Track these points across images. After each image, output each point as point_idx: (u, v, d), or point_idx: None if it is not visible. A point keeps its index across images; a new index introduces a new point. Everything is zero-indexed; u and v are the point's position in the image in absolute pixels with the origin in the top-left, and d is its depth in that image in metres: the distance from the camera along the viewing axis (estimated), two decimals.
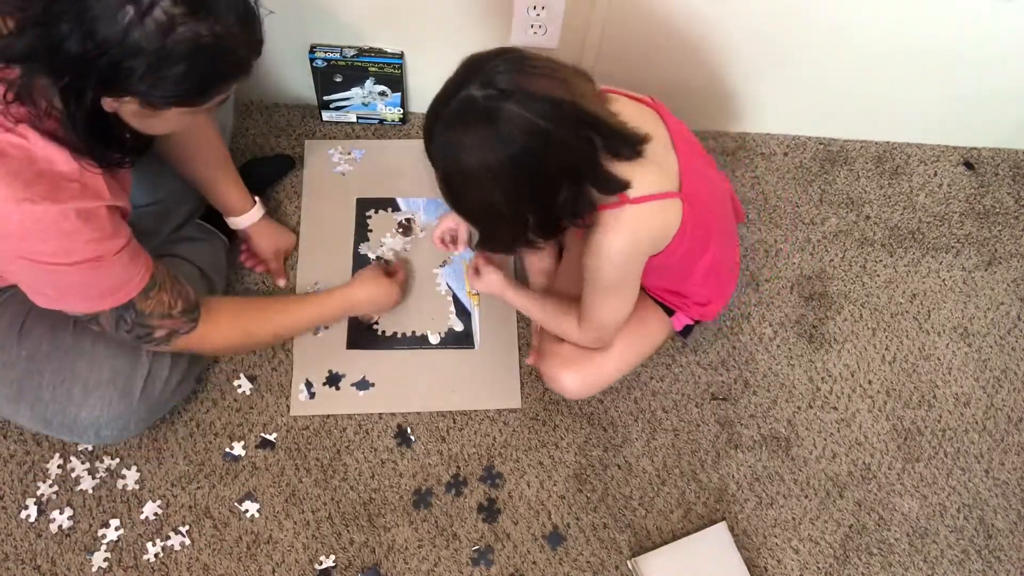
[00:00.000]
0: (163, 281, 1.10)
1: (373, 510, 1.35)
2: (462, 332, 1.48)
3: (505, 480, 1.38)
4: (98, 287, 1.03)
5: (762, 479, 1.40)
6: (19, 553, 1.28)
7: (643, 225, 1.09)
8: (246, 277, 1.51)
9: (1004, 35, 1.44)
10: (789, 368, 1.49)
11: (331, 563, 1.30)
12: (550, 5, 1.40)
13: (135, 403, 1.20)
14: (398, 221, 1.57)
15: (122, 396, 1.19)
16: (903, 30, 1.43)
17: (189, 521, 1.32)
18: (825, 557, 1.36)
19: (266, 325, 1.30)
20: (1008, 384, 1.51)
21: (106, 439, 1.23)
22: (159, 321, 1.11)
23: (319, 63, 1.52)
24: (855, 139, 1.72)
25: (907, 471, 1.43)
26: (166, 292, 1.10)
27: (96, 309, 1.05)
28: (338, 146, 1.63)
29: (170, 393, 1.26)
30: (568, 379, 1.30)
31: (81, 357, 1.18)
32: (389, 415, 1.41)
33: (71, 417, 1.18)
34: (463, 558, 1.32)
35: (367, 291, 1.40)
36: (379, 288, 1.41)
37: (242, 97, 1.68)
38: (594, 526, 1.36)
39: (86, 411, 1.18)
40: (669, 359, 1.48)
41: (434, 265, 1.54)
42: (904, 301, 1.57)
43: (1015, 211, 1.67)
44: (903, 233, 1.64)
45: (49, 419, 1.19)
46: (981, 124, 1.68)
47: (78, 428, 1.19)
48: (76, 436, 1.21)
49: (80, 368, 1.17)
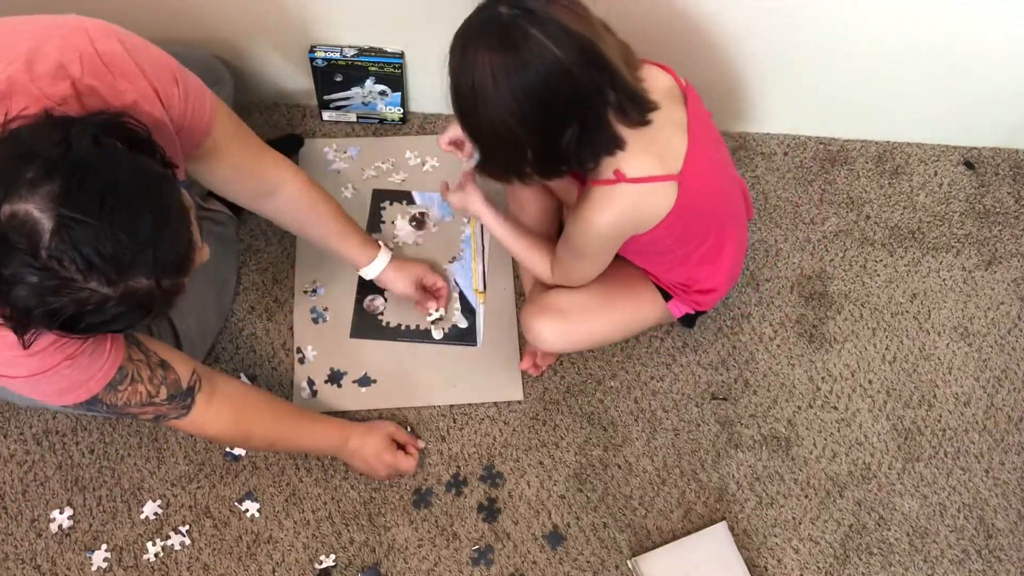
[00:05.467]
0: (136, 372, 1.02)
1: (373, 509, 1.35)
2: (466, 329, 1.48)
3: (505, 480, 1.38)
4: (48, 390, 0.97)
5: (762, 479, 1.40)
6: (19, 553, 1.28)
7: (630, 206, 1.09)
8: (250, 261, 1.51)
9: (1004, 35, 1.44)
10: (789, 368, 1.49)
11: (331, 562, 1.30)
12: None
13: None
14: (412, 214, 1.57)
15: None
16: (903, 30, 1.43)
17: (189, 521, 1.32)
18: (825, 557, 1.36)
19: (267, 433, 1.22)
20: (1008, 384, 1.51)
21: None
22: (139, 409, 1.05)
23: (319, 63, 1.53)
24: (855, 139, 1.72)
25: (907, 471, 1.43)
26: (141, 384, 1.03)
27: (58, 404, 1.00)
28: (333, 144, 1.64)
29: None
30: (547, 328, 1.30)
31: None
32: (389, 414, 1.41)
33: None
34: (463, 558, 1.32)
35: (367, 454, 1.30)
36: (378, 459, 1.30)
37: (243, 97, 1.68)
38: (594, 526, 1.36)
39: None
40: (669, 359, 1.49)
41: (444, 260, 1.54)
42: (904, 301, 1.57)
43: (1015, 211, 1.67)
44: (903, 233, 1.63)
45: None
46: (981, 124, 1.68)
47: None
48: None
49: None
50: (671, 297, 1.33)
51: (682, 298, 1.33)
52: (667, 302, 1.34)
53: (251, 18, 1.48)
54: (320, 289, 1.50)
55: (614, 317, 1.33)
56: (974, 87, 1.57)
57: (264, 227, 1.55)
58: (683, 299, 1.33)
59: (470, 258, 1.54)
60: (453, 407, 1.43)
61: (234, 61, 1.57)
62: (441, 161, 1.63)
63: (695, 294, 1.32)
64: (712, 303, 1.36)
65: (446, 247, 1.55)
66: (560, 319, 1.30)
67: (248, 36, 1.52)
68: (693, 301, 1.34)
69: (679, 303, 1.34)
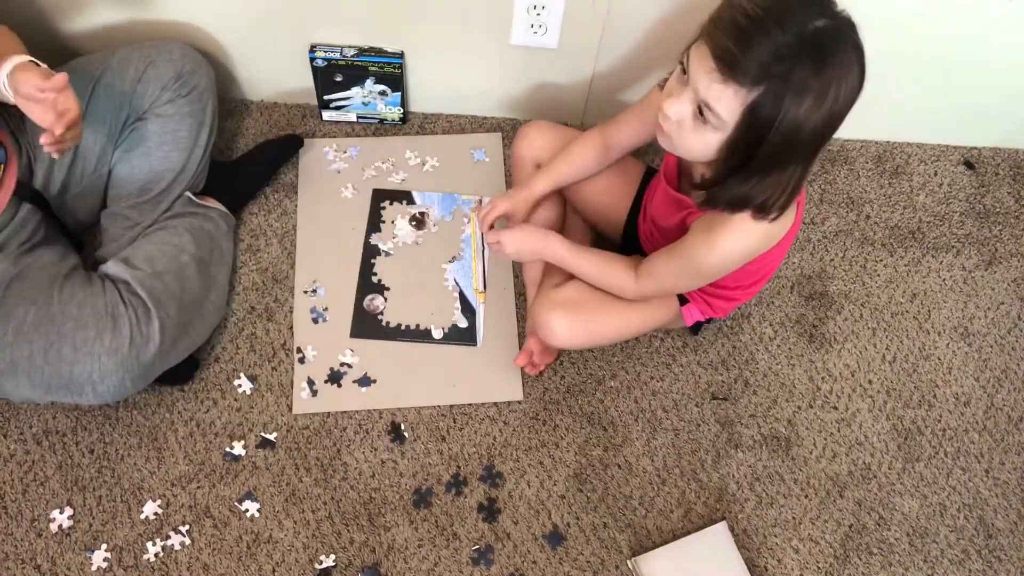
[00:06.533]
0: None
1: (373, 509, 1.35)
2: (466, 329, 1.48)
3: (505, 480, 1.38)
4: None
5: (762, 479, 1.40)
6: (19, 553, 1.28)
7: (767, 236, 1.06)
8: (250, 261, 1.51)
9: (1004, 35, 1.44)
10: (789, 368, 1.49)
11: (331, 562, 1.30)
12: (550, 5, 1.40)
13: (126, 359, 1.22)
14: (411, 214, 1.57)
15: (110, 352, 1.20)
16: (903, 30, 1.43)
17: (189, 521, 1.32)
18: (825, 557, 1.36)
19: None
20: (1008, 384, 1.51)
21: (105, 396, 1.23)
22: None
23: (319, 63, 1.53)
24: (855, 139, 1.72)
25: (907, 471, 1.43)
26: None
27: None
28: (333, 144, 1.64)
29: (165, 353, 1.27)
30: (559, 322, 1.27)
31: (66, 320, 1.20)
32: (389, 414, 1.41)
33: (66, 375, 1.20)
34: (463, 558, 1.32)
35: None
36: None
37: (242, 97, 1.68)
38: (594, 526, 1.36)
39: (79, 367, 1.20)
40: (669, 359, 1.49)
41: (443, 260, 1.54)
42: (904, 301, 1.57)
43: (1015, 211, 1.67)
44: (903, 233, 1.63)
45: (48, 382, 1.21)
46: (981, 124, 1.68)
47: (75, 385, 1.21)
48: (76, 395, 1.22)
49: (66, 329, 1.20)
50: (687, 301, 1.33)
51: (699, 303, 1.32)
52: (682, 306, 1.34)
53: (251, 18, 1.48)
54: (320, 289, 1.50)
55: (626, 313, 1.30)
56: (974, 87, 1.57)
57: (264, 227, 1.55)
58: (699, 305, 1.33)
59: (470, 258, 1.54)
60: (453, 407, 1.43)
61: (234, 61, 1.57)
62: (441, 161, 1.63)
63: (716, 299, 1.31)
64: (728, 311, 1.36)
65: (446, 247, 1.55)
66: (573, 313, 1.28)
67: (248, 36, 1.53)
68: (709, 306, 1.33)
69: (694, 308, 1.33)
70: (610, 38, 1.47)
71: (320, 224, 1.56)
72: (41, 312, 1.21)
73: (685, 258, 1.13)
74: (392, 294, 1.50)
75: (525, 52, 1.51)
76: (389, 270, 1.53)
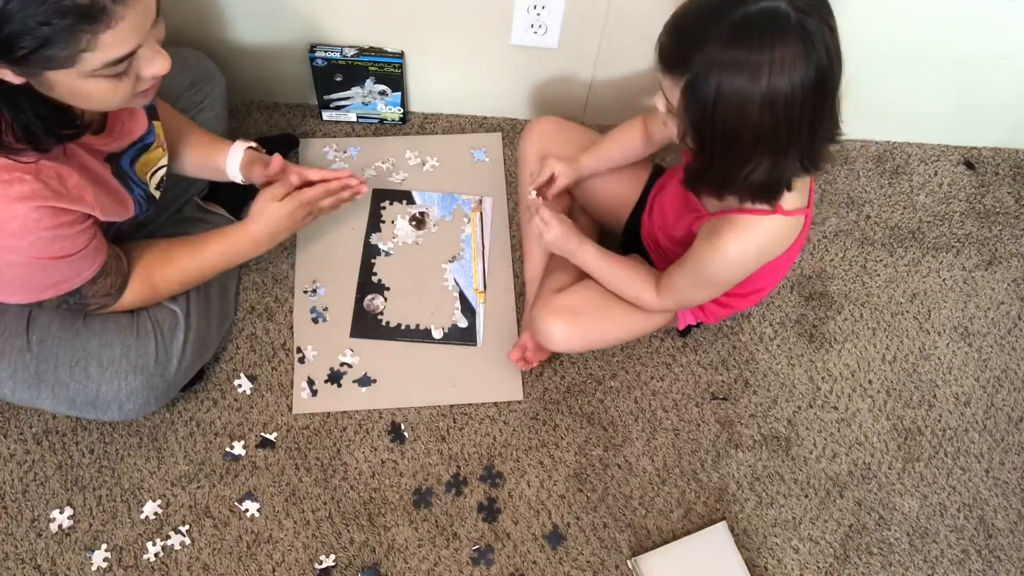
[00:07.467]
0: (110, 266, 1.11)
1: (373, 509, 1.35)
2: (466, 329, 1.48)
3: (505, 480, 1.38)
4: (43, 282, 1.04)
5: (762, 479, 1.40)
6: (19, 553, 1.28)
7: (778, 239, 1.06)
8: (250, 261, 1.51)
9: (1005, 35, 1.44)
10: (789, 368, 1.49)
11: (331, 562, 1.30)
12: (550, 5, 1.40)
13: (151, 377, 1.23)
14: (411, 214, 1.57)
15: (136, 371, 1.21)
16: (903, 30, 1.43)
17: (189, 521, 1.32)
18: (825, 557, 1.36)
19: (173, 276, 1.23)
20: (1008, 384, 1.51)
21: (130, 414, 1.24)
22: (97, 299, 1.13)
23: (319, 62, 1.53)
24: (855, 139, 1.72)
25: (907, 471, 1.43)
26: (110, 276, 1.11)
27: (36, 300, 1.06)
28: (333, 144, 1.64)
29: (186, 368, 1.28)
30: (557, 328, 1.28)
31: (92, 337, 1.20)
32: (389, 414, 1.41)
33: (93, 394, 1.21)
34: (463, 557, 1.32)
35: (264, 225, 1.25)
36: (277, 219, 1.25)
37: (242, 97, 1.68)
38: (594, 526, 1.36)
39: (105, 387, 1.21)
40: (669, 359, 1.49)
41: (443, 260, 1.54)
42: (904, 301, 1.57)
43: (1015, 211, 1.67)
44: (903, 233, 1.63)
45: (73, 398, 1.21)
46: (981, 124, 1.68)
47: (101, 404, 1.22)
48: (101, 413, 1.23)
49: (92, 347, 1.20)
50: None
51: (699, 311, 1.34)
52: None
53: (251, 18, 1.48)
54: (320, 289, 1.51)
55: (624, 320, 1.32)
56: (974, 87, 1.57)
57: None
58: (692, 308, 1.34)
59: (470, 258, 1.54)
60: (453, 407, 1.43)
61: (234, 61, 1.57)
62: (441, 161, 1.63)
63: (711, 304, 1.32)
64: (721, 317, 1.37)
65: (446, 247, 1.55)
66: (572, 320, 1.29)
67: (248, 36, 1.52)
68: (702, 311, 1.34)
69: (687, 311, 1.35)
70: (610, 38, 1.47)
71: (320, 224, 1.56)
72: (65, 322, 1.20)
73: (696, 267, 1.14)
74: (392, 294, 1.50)
75: (525, 52, 1.51)
76: (389, 270, 1.53)
